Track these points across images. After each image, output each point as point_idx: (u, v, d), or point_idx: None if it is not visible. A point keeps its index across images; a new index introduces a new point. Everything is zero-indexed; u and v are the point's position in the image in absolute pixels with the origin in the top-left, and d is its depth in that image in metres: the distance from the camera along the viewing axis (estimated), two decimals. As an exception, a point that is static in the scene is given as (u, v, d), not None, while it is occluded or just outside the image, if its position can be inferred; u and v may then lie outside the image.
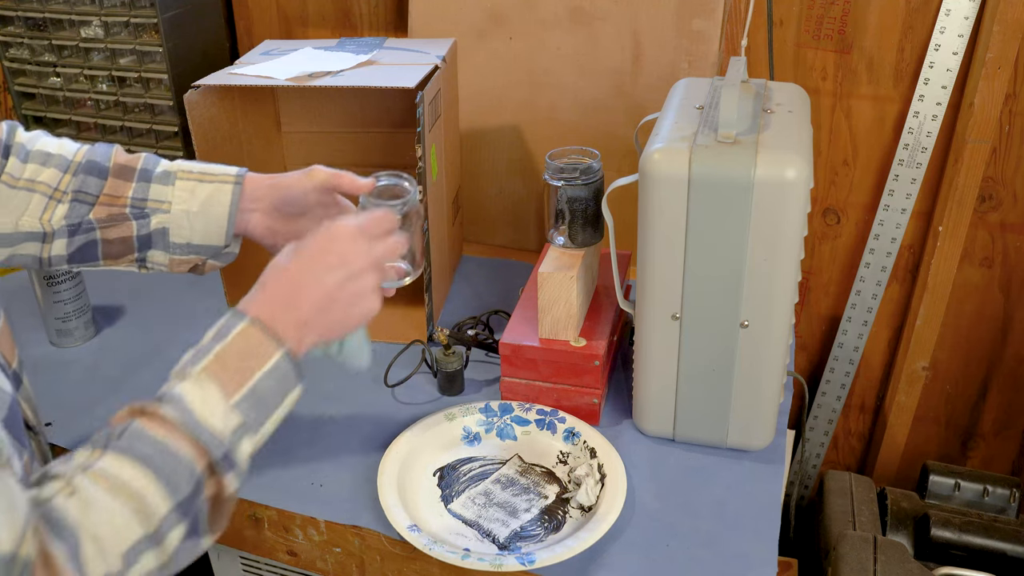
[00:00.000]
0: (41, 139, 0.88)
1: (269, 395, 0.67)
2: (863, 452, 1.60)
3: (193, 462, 0.62)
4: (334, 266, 0.73)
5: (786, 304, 0.91)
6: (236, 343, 0.67)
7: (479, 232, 1.47)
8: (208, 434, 0.63)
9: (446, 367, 1.08)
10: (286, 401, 0.69)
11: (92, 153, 0.87)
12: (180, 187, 0.88)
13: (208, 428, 0.63)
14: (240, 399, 0.65)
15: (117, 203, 0.87)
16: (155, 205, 0.87)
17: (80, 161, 0.87)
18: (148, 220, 0.87)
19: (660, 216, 0.88)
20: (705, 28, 1.23)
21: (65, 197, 0.86)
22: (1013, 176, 1.30)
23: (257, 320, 0.68)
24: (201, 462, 0.62)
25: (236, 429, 0.65)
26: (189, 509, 0.61)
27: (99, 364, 1.17)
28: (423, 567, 0.90)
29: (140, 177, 0.88)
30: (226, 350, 0.67)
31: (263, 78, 1.10)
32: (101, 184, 0.87)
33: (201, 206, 0.87)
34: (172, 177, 0.88)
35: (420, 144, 1.06)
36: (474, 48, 1.34)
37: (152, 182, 0.88)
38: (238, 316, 0.69)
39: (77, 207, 0.86)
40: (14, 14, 1.47)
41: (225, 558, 1.13)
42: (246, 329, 0.68)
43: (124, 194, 0.87)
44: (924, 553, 1.25)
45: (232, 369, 0.66)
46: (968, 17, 1.22)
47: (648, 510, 0.93)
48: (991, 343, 1.43)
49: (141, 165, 0.88)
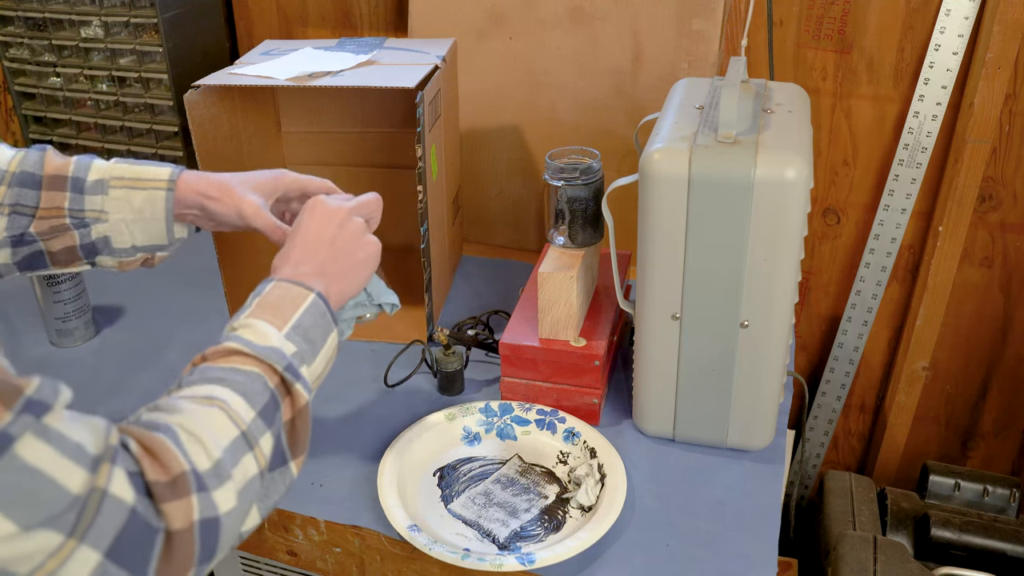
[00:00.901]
0: None
1: (313, 330, 0.73)
2: (863, 452, 1.60)
3: (264, 376, 0.66)
4: (324, 225, 0.81)
5: (786, 304, 0.91)
6: (273, 292, 0.73)
7: (479, 232, 1.47)
8: (270, 351, 0.68)
9: (446, 367, 1.08)
10: (328, 341, 0.75)
11: (24, 163, 0.85)
12: (114, 196, 0.86)
13: (269, 347, 0.68)
14: (289, 330, 0.71)
15: (55, 215, 0.85)
16: (93, 215, 0.86)
17: (14, 172, 0.85)
18: (88, 230, 0.86)
19: (660, 216, 0.88)
20: (705, 28, 1.23)
21: (3, 209, 0.84)
22: (1013, 176, 1.30)
23: (283, 278, 0.75)
24: (272, 378, 0.67)
25: (293, 354, 0.70)
26: (272, 420, 0.66)
27: (99, 364, 1.17)
28: (423, 567, 0.90)
29: (72, 187, 0.85)
30: (264, 299, 0.73)
31: (263, 78, 1.10)
32: (36, 196, 0.85)
33: (136, 214, 0.86)
34: (105, 185, 0.86)
35: (420, 144, 1.06)
36: (474, 48, 1.34)
37: (85, 193, 0.85)
38: (266, 280, 0.75)
39: (16, 219, 0.85)
40: (14, 14, 1.47)
41: (225, 558, 1.13)
42: (278, 284, 0.74)
43: (60, 205, 0.85)
44: (924, 553, 1.25)
45: (275, 310, 0.71)
46: (968, 17, 1.22)
47: (648, 510, 0.93)
48: (991, 343, 1.43)
49: (72, 173, 0.86)
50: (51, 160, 0.86)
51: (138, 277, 1.37)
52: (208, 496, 0.59)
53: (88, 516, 0.52)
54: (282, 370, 0.67)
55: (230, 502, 0.60)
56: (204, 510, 0.58)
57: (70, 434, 0.54)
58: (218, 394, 0.63)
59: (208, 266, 1.27)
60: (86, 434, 0.55)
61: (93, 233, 0.86)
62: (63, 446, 0.53)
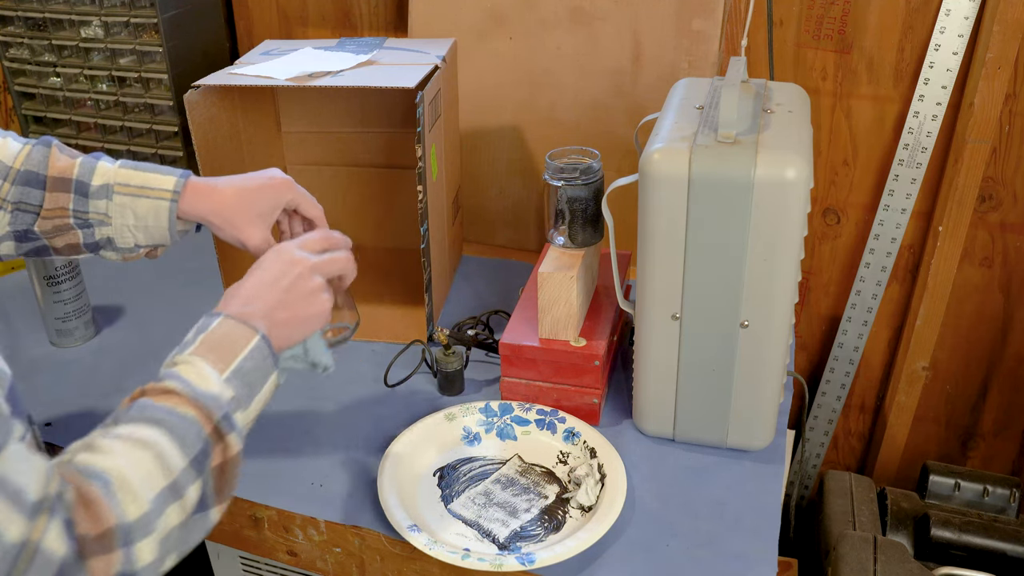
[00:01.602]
0: None
1: (253, 373, 0.72)
2: (863, 452, 1.60)
3: (199, 423, 0.65)
4: (283, 272, 0.79)
5: (786, 304, 0.91)
6: (218, 331, 0.72)
7: (479, 232, 1.47)
8: (208, 397, 0.67)
9: (446, 367, 1.08)
10: (267, 384, 0.74)
11: (29, 160, 0.86)
12: (118, 202, 0.86)
13: (207, 393, 0.67)
14: (230, 374, 0.70)
15: (59, 215, 0.86)
16: (97, 218, 0.87)
17: (19, 169, 0.85)
18: (92, 230, 0.87)
19: (660, 216, 0.88)
20: (705, 28, 1.23)
21: (7, 205, 0.85)
22: (1013, 176, 1.30)
23: (230, 315, 0.74)
24: (207, 425, 0.66)
25: (230, 400, 0.69)
26: (202, 468, 0.65)
27: (99, 364, 1.17)
28: (423, 567, 0.90)
29: (77, 190, 0.86)
30: (209, 337, 0.71)
31: (263, 78, 1.10)
32: (40, 195, 0.86)
33: (140, 220, 0.87)
34: (109, 191, 0.86)
35: (420, 144, 1.06)
36: (474, 48, 1.34)
37: (89, 197, 0.86)
38: (212, 315, 0.74)
39: (20, 216, 0.86)
40: (14, 14, 1.47)
41: (225, 558, 1.12)
42: (224, 321, 0.73)
43: (65, 206, 0.86)
44: (924, 553, 1.25)
45: (218, 351, 0.70)
46: (968, 17, 1.22)
47: (648, 510, 0.93)
48: (991, 343, 1.43)
49: (76, 176, 0.86)
50: (56, 159, 0.86)
51: (138, 277, 1.37)
52: (131, 550, 0.58)
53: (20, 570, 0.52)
54: (218, 419, 0.67)
55: (151, 555, 0.60)
56: (124, 564, 0.58)
57: (13, 477, 0.53)
58: (153, 438, 0.62)
59: (208, 266, 1.27)
60: (30, 479, 0.54)
61: (97, 234, 0.88)
62: (4, 490, 0.52)
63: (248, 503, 0.95)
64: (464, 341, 1.13)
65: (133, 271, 1.38)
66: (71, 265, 1.18)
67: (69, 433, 1.03)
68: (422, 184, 1.08)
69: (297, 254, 0.81)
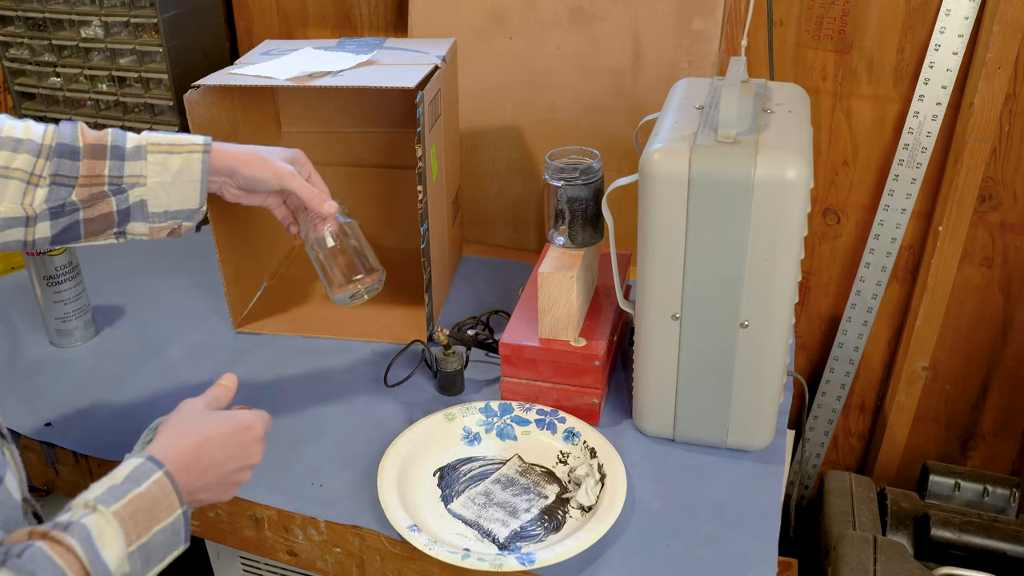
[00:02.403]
0: (6, 124, 0.88)
1: (157, 550, 0.69)
2: (863, 452, 1.60)
3: None
4: (236, 456, 0.78)
5: (786, 304, 0.91)
6: (151, 492, 0.69)
7: (479, 232, 1.47)
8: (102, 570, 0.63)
9: (446, 367, 1.08)
10: (167, 558, 0.71)
11: (59, 135, 0.89)
12: (152, 160, 0.91)
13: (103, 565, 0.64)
14: (136, 548, 0.66)
15: (96, 182, 0.90)
16: (132, 180, 0.91)
17: (51, 144, 0.88)
18: (126, 195, 0.91)
19: (660, 216, 0.88)
20: (705, 28, 1.23)
21: (43, 181, 0.88)
22: (1013, 176, 1.30)
23: (170, 473, 0.71)
24: None
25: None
26: None
27: (99, 364, 1.17)
28: (423, 567, 0.90)
29: (113, 154, 0.90)
30: (140, 496, 0.68)
31: (263, 78, 1.10)
32: (76, 165, 0.89)
33: (175, 176, 0.92)
34: (143, 151, 0.91)
35: (420, 144, 1.06)
36: (474, 48, 1.34)
37: (126, 159, 0.91)
38: (155, 463, 0.71)
39: (57, 190, 0.88)
40: (14, 14, 1.47)
41: (225, 558, 1.13)
42: (161, 479, 0.70)
43: (101, 172, 0.90)
44: (924, 553, 1.25)
45: (139, 518, 0.67)
46: (968, 17, 1.22)
47: (648, 510, 0.93)
48: (991, 343, 1.43)
49: (111, 142, 0.91)
50: (86, 132, 0.91)
51: (138, 277, 1.37)
52: None
53: None
54: None
55: None
56: None
57: None
58: None
59: (208, 266, 1.28)
60: None
61: (130, 198, 0.91)
62: None
63: (248, 503, 0.95)
64: (464, 341, 1.13)
65: (133, 271, 1.39)
66: (71, 265, 1.18)
67: (69, 433, 1.04)
68: (422, 184, 1.08)
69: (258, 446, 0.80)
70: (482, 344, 1.14)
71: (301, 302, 1.30)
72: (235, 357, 1.18)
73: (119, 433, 1.04)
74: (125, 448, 0.87)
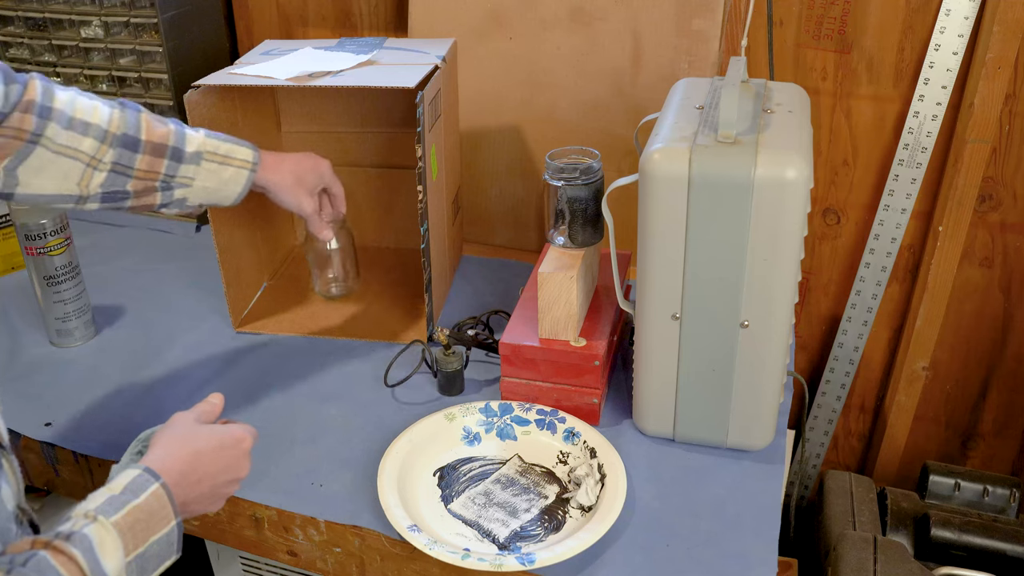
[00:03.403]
0: (77, 103, 0.92)
1: (152, 560, 0.70)
2: (863, 452, 1.60)
3: None
4: (227, 469, 0.79)
5: (786, 304, 0.91)
6: (148, 503, 0.70)
7: (479, 232, 1.47)
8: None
9: (446, 367, 1.08)
10: (160, 568, 0.72)
11: (125, 123, 0.94)
12: (205, 168, 0.99)
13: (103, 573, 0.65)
14: (133, 559, 0.68)
15: (151, 177, 0.96)
16: (182, 181, 0.98)
17: (115, 133, 0.93)
18: (172, 192, 0.98)
19: (660, 216, 0.88)
20: (705, 28, 1.23)
21: (103, 166, 0.93)
22: (1013, 176, 1.30)
23: (166, 485, 0.72)
24: None
25: None
26: None
27: (99, 364, 1.17)
28: (423, 567, 0.90)
29: (172, 156, 0.96)
30: (139, 508, 0.69)
31: (263, 78, 1.10)
32: (136, 158, 0.94)
33: (220, 184, 1.00)
34: (200, 157, 0.98)
35: (420, 144, 1.06)
36: (474, 48, 1.34)
37: (183, 162, 0.97)
38: (152, 475, 0.72)
39: (115, 177, 0.94)
40: (14, 14, 1.47)
41: (225, 558, 1.13)
42: (158, 491, 0.71)
43: (158, 170, 0.96)
44: (924, 553, 1.25)
45: (137, 529, 0.68)
46: (968, 17, 1.22)
47: (648, 510, 0.93)
48: (991, 343, 1.43)
49: (172, 143, 0.96)
50: (151, 125, 0.96)
51: (138, 277, 1.37)
52: None
53: None
54: None
55: None
56: None
57: None
58: None
59: (208, 266, 1.28)
60: None
61: (175, 195, 0.99)
62: None
63: (248, 503, 0.95)
64: (464, 341, 1.13)
65: (133, 271, 1.39)
66: (71, 265, 1.18)
67: (69, 433, 1.04)
68: (422, 184, 1.08)
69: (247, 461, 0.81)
70: (482, 344, 1.14)
71: (301, 302, 1.30)
72: (235, 357, 1.18)
73: (119, 433, 1.04)
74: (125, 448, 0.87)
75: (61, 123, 0.90)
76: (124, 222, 1.51)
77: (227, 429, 0.81)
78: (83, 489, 1.06)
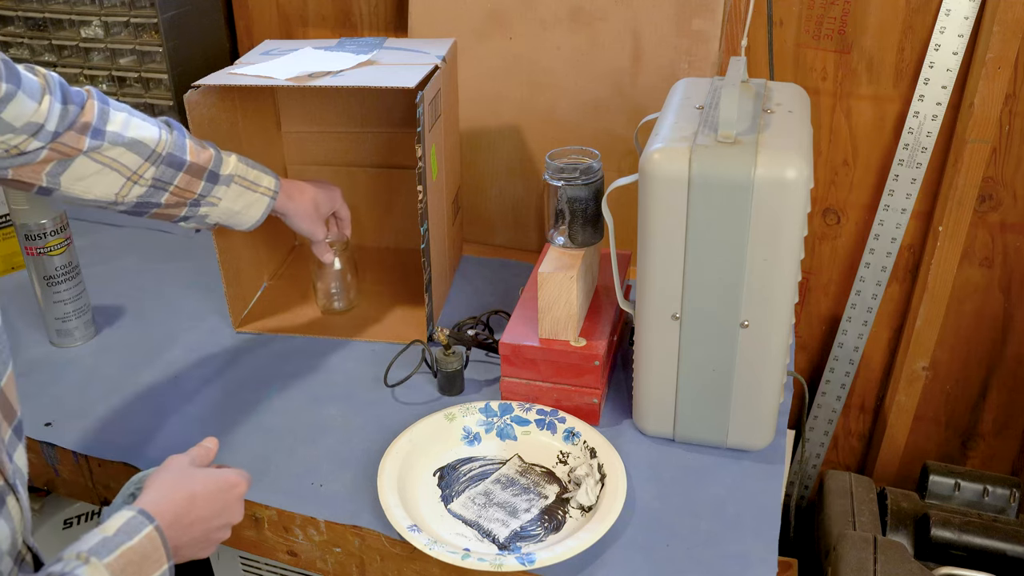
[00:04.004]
0: (131, 124, 0.95)
1: None
2: (863, 452, 1.60)
3: None
4: (220, 513, 0.79)
5: (786, 304, 0.91)
6: (142, 545, 0.69)
7: (479, 232, 1.47)
8: None
9: (446, 367, 1.08)
10: None
11: (172, 145, 0.98)
12: (233, 190, 1.03)
13: None
14: None
15: (185, 195, 1.00)
16: (211, 200, 1.03)
17: (162, 153, 0.96)
18: (198, 209, 1.03)
19: (660, 216, 0.88)
20: (705, 28, 1.23)
21: (143, 181, 0.96)
22: (1013, 176, 1.30)
23: (160, 528, 0.72)
24: None
25: None
26: None
27: (99, 364, 1.17)
28: (423, 567, 0.90)
29: (208, 178, 1.01)
30: (132, 549, 0.69)
31: (263, 78, 1.10)
32: (177, 176, 0.99)
33: (242, 207, 1.05)
34: (231, 179, 1.03)
35: (420, 144, 1.06)
36: (474, 48, 1.34)
37: (217, 184, 1.02)
38: (146, 518, 0.71)
39: (154, 192, 0.98)
40: (14, 14, 1.47)
41: (225, 558, 1.13)
42: (152, 533, 0.71)
43: (194, 190, 1.01)
44: (924, 553, 1.25)
45: (130, 571, 0.68)
46: (968, 17, 1.22)
47: (648, 510, 0.93)
48: (991, 343, 1.43)
49: (211, 167, 1.01)
50: (194, 150, 1.00)
51: (138, 277, 1.37)
52: None
53: None
54: None
55: None
56: None
57: None
58: None
59: (208, 266, 1.28)
60: None
61: (200, 211, 1.03)
62: None
63: (248, 503, 0.95)
64: (464, 341, 1.13)
65: (133, 271, 1.39)
66: (71, 265, 1.18)
67: (69, 433, 1.04)
68: (422, 184, 1.08)
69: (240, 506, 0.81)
70: (482, 344, 1.14)
71: (301, 302, 1.30)
72: (235, 357, 1.18)
73: (119, 433, 1.04)
74: (125, 448, 0.88)
75: (112, 141, 0.93)
76: (124, 222, 1.51)
77: (222, 474, 0.81)
78: (83, 489, 1.06)
